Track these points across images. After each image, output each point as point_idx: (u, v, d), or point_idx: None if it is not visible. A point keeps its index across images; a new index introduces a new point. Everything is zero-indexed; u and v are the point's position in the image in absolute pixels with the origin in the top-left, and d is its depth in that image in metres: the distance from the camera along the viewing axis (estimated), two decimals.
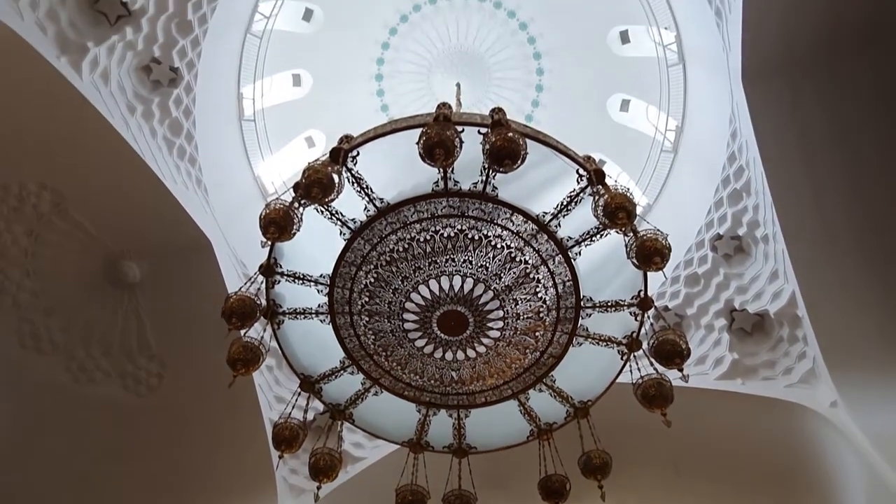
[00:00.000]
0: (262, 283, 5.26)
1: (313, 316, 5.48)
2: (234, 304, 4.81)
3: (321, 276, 5.32)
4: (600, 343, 5.51)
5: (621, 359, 5.52)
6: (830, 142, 8.49)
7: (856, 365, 8.46)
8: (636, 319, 5.35)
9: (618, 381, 5.64)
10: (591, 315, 5.39)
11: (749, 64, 8.31)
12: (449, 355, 5.49)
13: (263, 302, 5.21)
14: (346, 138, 4.90)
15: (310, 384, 5.79)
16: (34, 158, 8.55)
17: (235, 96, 11.95)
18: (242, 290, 4.98)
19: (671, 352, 4.87)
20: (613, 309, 5.35)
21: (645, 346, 5.24)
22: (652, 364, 5.09)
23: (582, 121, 15.20)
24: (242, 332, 4.99)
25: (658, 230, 4.54)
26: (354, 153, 4.77)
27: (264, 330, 5.41)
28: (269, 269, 5.23)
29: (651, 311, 5.34)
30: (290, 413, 5.64)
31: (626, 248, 4.58)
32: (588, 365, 5.64)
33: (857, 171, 8.40)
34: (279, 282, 5.35)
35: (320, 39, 14.65)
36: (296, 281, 5.35)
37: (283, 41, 13.18)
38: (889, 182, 8.19)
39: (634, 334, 5.41)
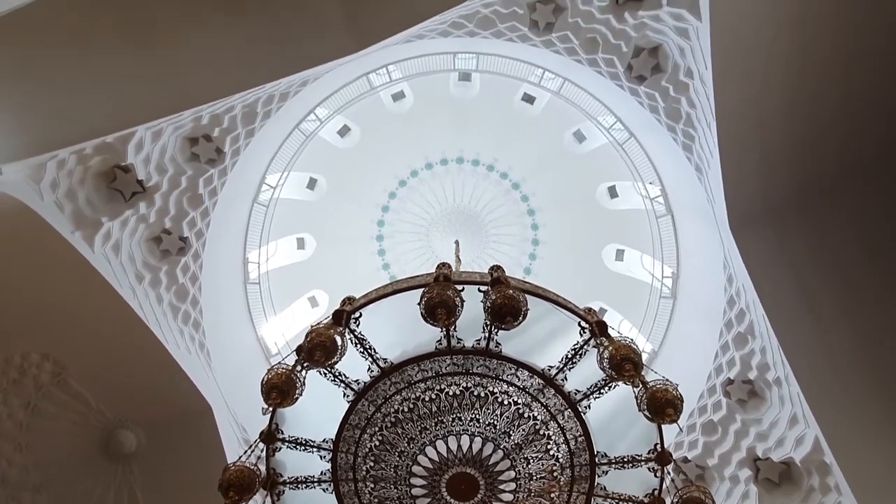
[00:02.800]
0: (262, 450, 5.07)
1: (316, 485, 5.21)
2: (232, 476, 4.59)
3: (324, 440, 5.15)
4: (621, 503, 5.20)
5: None
6: (825, 279, 8.59)
7: None
8: (655, 475, 5.09)
9: None
10: (607, 472, 5.13)
11: (734, 214, 8.65)
12: None
13: (264, 470, 4.98)
14: (349, 300, 4.99)
15: None
16: (40, 329, 8.63)
17: (241, 261, 12.32)
18: (242, 459, 4.78)
19: None
20: (630, 465, 5.11)
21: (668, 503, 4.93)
22: None
23: (579, 271, 15.53)
24: None
25: (667, 380, 4.47)
26: (357, 314, 4.83)
27: (264, 502, 5.12)
28: (271, 436, 5.07)
29: (670, 465, 5.09)
30: None
31: (637, 400, 4.48)
32: None
33: (855, 304, 8.39)
34: (280, 449, 5.17)
35: (324, 205, 15.43)
36: (298, 447, 5.17)
37: (288, 208, 13.86)
38: (887, 309, 8.16)
39: (656, 491, 5.12)
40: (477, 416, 4.92)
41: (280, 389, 4.39)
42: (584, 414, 4.97)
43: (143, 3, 7.21)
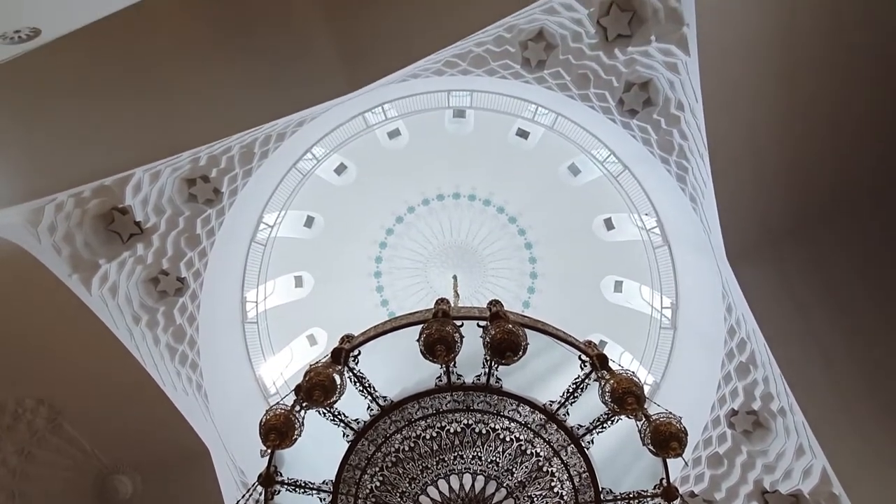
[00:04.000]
0: (261, 493, 4.96)
1: None
2: None
3: (324, 482, 5.05)
4: None
5: None
6: (825, 306, 8.56)
7: None
8: None
9: None
10: None
11: (730, 244, 8.68)
12: None
13: None
14: (347, 338, 4.96)
15: None
16: (36, 373, 8.54)
17: (239, 300, 12.28)
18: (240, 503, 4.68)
19: None
20: (636, 501, 5.01)
21: None
22: None
23: (578, 303, 15.50)
24: None
25: (670, 413, 4.42)
26: (356, 352, 4.80)
27: None
28: (269, 479, 4.97)
29: (677, 501, 4.99)
30: None
31: (641, 433, 4.42)
32: None
33: (856, 331, 8.33)
34: (279, 492, 5.06)
35: (321, 243, 15.46)
36: (297, 489, 5.07)
37: (285, 246, 13.88)
38: (888, 334, 8.11)
39: None
40: (479, 454, 4.85)
41: (279, 431, 4.34)
42: (588, 449, 4.90)
43: (142, 49, 7.33)
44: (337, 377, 4.46)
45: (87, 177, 7.80)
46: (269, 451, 4.63)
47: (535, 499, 4.94)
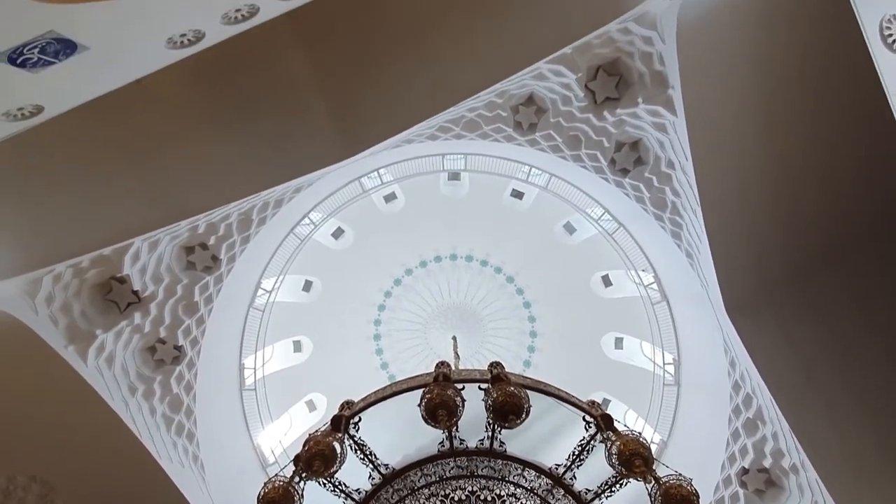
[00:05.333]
0: None
1: None
2: None
3: None
4: None
5: None
6: (827, 357, 8.46)
7: None
8: None
9: None
10: None
11: (729, 298, 8.68)
12: None
13: None
14: (347, 404, 4.88)
15: None
16: (28, 448, 8.33)
17: (237, 367, 12.13)
18: None
19: None
20: None
21: None
22: None
23: (579, 361, 15.33)
24: None
25: (680, 475, 4.31)
26: (356, 419, 4.71)
27: None
28: None
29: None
30: None
31: (651, 498, 4.30)
32: None
33: (861, 380, 8.21)
34: None
35: (319, 307, 15.39)
36: None
37: (284, 311, 13.81)
38: (892, 381, 7.99)
39: None
40: None
41: None
42: None
43: (141, 121, 7.53)
44: (337, 445, 4.36)
45: (86, 247, 7.85)
46: None
47: None
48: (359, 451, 4.70)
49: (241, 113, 7.99)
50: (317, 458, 4.19)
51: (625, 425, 4.63)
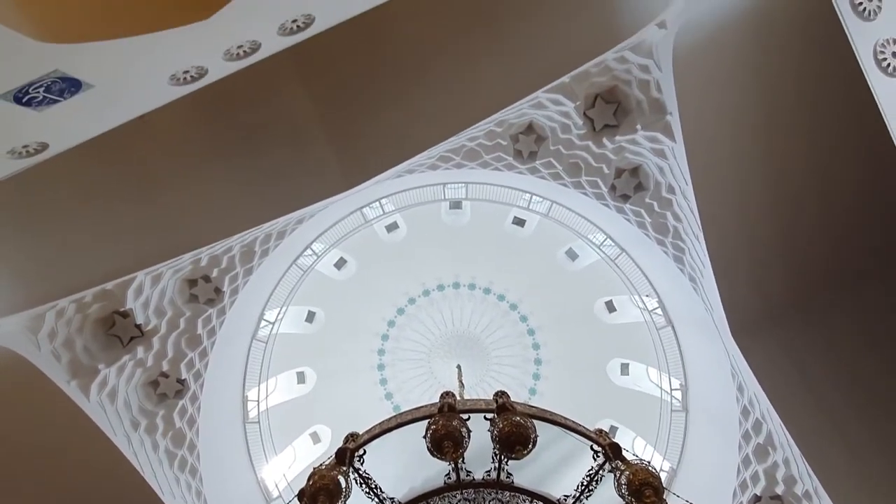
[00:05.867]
0: None
1: None
2: None
3: None
4: None
5: None
6: (835, 379, 8.34)
7: None
8: None
9: None
10: None
11: (734, 321, 8.63)
12: None
13: None
14: (352, 437, 4.83)
15: None
16: (31, 484, 8.23)
17: (240, 400, 12.03)
18: None
19: None
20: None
21: None
22: None
23: (585, 388, 15.19)
24: None
25: None
26: (361, 451, 4.65)
27: None
28: None
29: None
30: None
31: None
32: None
33: (870, 402, 8.09)
34: None
35: (323, 338, 15.33)
36: None
37: (287, 342, 13.75)
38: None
39: None
40: None
41: None
42: None
43: (143, 156, 7.60)
44: (342, 479, 4.30)
45: (89, 282, 7.86)
46: None
47: None
48: (364, 485, 4.63)
49: (242, 147, 8.07)
50: (321, 493, 4.11)
51: (633, 454, 4.56)
